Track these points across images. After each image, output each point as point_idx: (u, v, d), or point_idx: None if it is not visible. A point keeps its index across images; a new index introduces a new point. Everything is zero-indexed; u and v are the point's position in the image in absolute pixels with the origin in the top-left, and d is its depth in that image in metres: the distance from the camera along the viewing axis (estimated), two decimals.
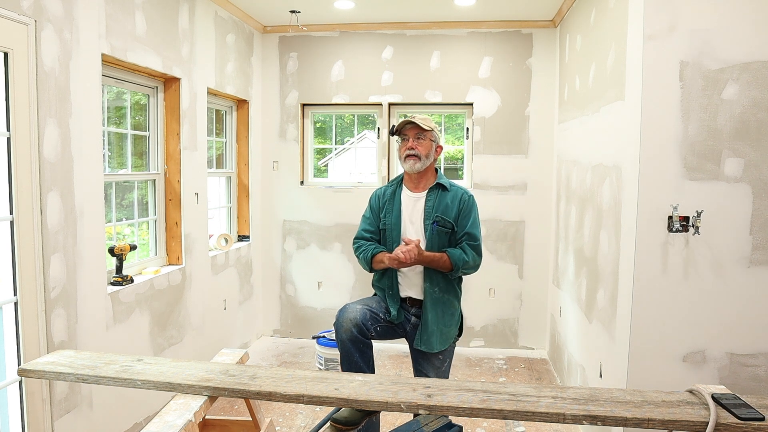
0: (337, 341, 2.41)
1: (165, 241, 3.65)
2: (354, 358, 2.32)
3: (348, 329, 2.34)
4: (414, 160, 2.52)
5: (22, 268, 2.33)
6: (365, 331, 2.37)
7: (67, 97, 2.56)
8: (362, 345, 2.36)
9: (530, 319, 4.84)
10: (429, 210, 2.55)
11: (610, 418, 1.51)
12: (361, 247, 2.64)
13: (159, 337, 3.39)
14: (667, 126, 2.37)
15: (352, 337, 2.34)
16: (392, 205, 2.61)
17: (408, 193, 2.63)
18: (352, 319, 2.36)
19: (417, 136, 2.54)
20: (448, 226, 2.54)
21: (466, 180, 4.92)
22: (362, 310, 2.42)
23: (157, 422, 1.55)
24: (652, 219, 2.41)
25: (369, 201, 2.73)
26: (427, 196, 2.58)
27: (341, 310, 2.44)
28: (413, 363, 2.64)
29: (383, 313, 2.51)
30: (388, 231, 2.59)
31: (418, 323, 2.56)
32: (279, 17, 4.61)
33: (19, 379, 2.35)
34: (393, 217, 2.59)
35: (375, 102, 4.86)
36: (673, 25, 2.34)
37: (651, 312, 2.43)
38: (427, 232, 2.53)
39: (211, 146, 4.38)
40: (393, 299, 2.57)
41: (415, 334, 2.56)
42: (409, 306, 2.58)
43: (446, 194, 2.58)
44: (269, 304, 5.14)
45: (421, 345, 2.53)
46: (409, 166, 2.54)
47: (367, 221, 2.69)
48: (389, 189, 2.68)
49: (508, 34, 4.70)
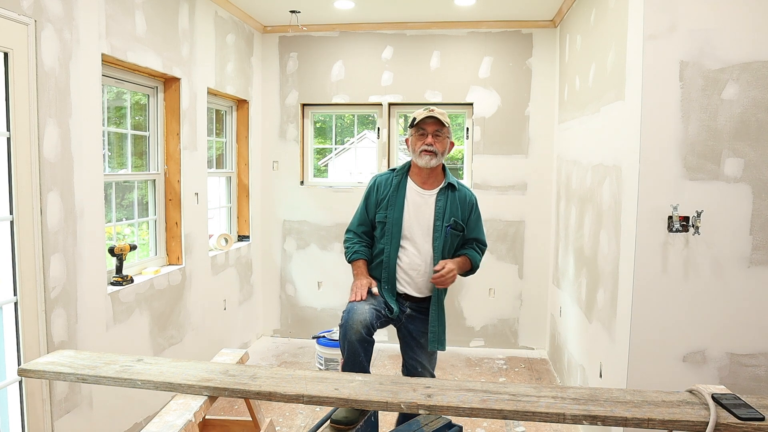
0: (343, 342, 2.33)
1: (165, 241, 3.65)
2: (360, 358, 2.30)
3: (357, 331, 2.27)
4: (430, 156, 2.48)
5: (22, 268, 2.33)
6: (372, 331, 2.35)
7: (67, 97, 2.56)
8: (367, 344, 2.33)
9: (530, 319, 4.84)
10: (440, 212, 2.52)
11: (610, 418, 1.51)
12: (348, 241, 2.67)
13: (159, 337, 3.39)
14: (667, 126, 2.37)
15: (361, 338, 2.28)
16: (396, 197, 2.54)
17: (416, 188, 2.56)
18: (362, 321, 2.29)
19: (436, 132, 2.49)
20: (459, 229, 2.56)
21: (466, 180, 4.92)
22: (370, 310, 2.36)
23: (157, 422, 1.55)
24: (652, 219, 2.41)
25: (367, 188, 2.63)
26: (438, 197, 2.54)
27: (348, 311, 2.34)
28: (405, 349, 2.64)
29: (384, 309, 2.50)
30: (388, 225, 2.53)
31: (413, 314, 2.59)
32: (279, 17, 4.61)
33: (19, 379, 2.35)
34: (396, 211, 2.53)
35: (375, 102, 4.86)
36: (673, 25, 2.34)
37: (651, 312, 2.43)
38: (439, 233, 2.52)
39: (211, 146, 4.38)
40: (388, 293, 2.55)
41: (409, 324, 2.59)
42: (403, 300, 2.58)
43: (455, 195, 2.56)
44: (269, 304, 5.14)
45: (438, 346, 2.57)
46: (425, 162, 2.49)
47: (359, 215, 2.65)
48: (395, 179, 2.58)
49: (508, 34, 4.70)
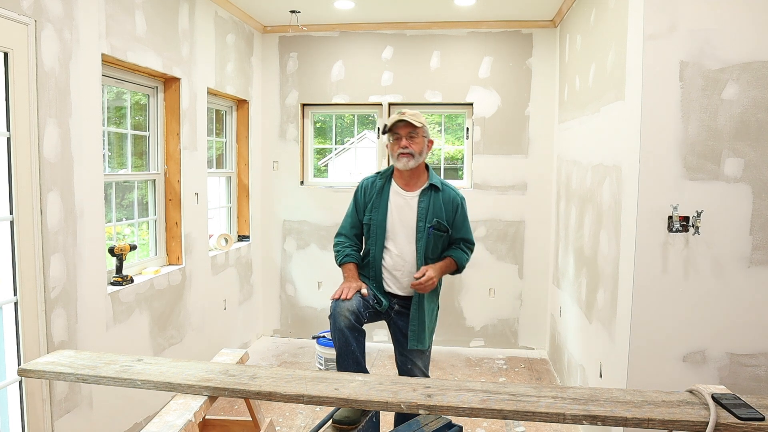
0: (333, 331, 2.37)
1: (165, 241, 3.65)
2: (351, 347, 2.31)
3: (346, 317, 2.31)
4: (408, 158, 2.53)
5: (22, 268, 2.33)
6: (360, 319, 2.37)
7: (67, 97, 2.56)
8: (358, 333, 2.35)
9: (530, 319, 4.84)
10: (423, 213, 2.55)
11: (610, 418, 1.51)
12: (338, 245, 2.68)
13: (159, 337, 3.39)
14: (667, 126, 2.37)
15: (349, 324, 2.31)
16: (380, 200, 2.60)
17: (398, 191, 2.61)
18: (349, 307, 2.34)
19: (410, 134, 2.54)
20: (443, 230, 2.56)
21: (466, 180, 4.92)
22: (357, 298, 2.41)
23: (157, 422, 1.55)
24: (652, 219, 2.41)
25: (354, 192, 2.71)
26: (420, 198, 2.57)
27: (336, 303, 2.40)
28: (396, 346, 2.66)
29: (372, 300, 2.52)
30: (372, 227, 2.59)
31: (401, 310, 2.60)
32: (279, 17, 4.61)
33: (19, 379, 2.35)
34: (380, 214, 2.58)
35: (375, 102, 4.86)
36: (673, 25, 2.34)
37: (651, 312, 2.43)
38: (422, 234, 2.54)
39: (211, 146, 4.38)
40: (377, 291, 2.59)
41: (398, 320, 2.60)
42: (391, 297, 2.61)
43: (439, 195, 2.58)
44: (269, 304, 5.14)
45: (417, 344, 2.56)
46: (403, 164, 2.54)
47: (350, 218, 2.70)
48: (378, 182, 2.65)
49: (508, 34, 4.70)
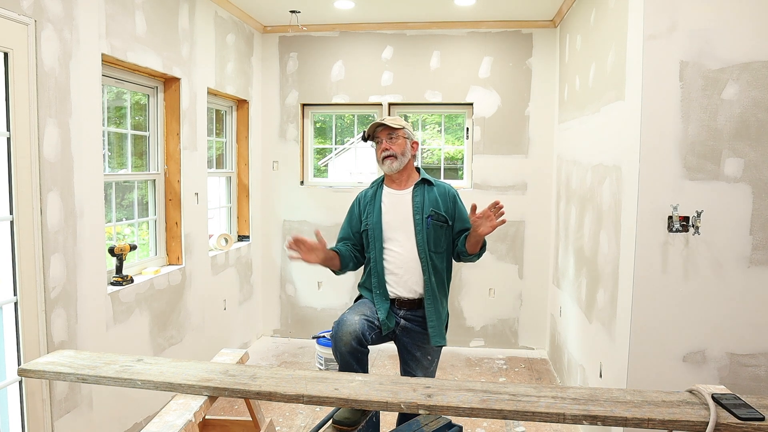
0: (335, 353, 2.35)
1: (165, 241, 3.65)
2: (353, 368, 2.31)
3: (347, 342, 2.28)
4: (391, 160, 2.53)
5: (22, 268, 2.33)
6: (363, 342, 2.33)
7: (67, 97, 2.56)
8: (360, 354, 2.33)
9: (530, 319, 4.84)
10: (418, 205, 2.55)
11: (610, 418, 1.51)
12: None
13: (159, 337, 3.39)
14: (667, 126, 2.37)
15: (351, 350, 2.29)
16: (373, 205, 2.63)
17: (390, 191, 2.62)
18: (352, 332, 2.29)
19: (389, 136, 2.55)
20: (441, 220, 2.55)
21: (466, 180, 4.92)
22: (360, 320, 2.36)
23: (157, 422, 1.55)
24: (652, 219, 2.41)
25: (351, 205, 2.75)
26: (414, 192, 2.58)
27: (338, 323, 2.36)
28: (401, 363, 2.63)
29: (377, 320, 2.49)
30: (370, 231, 2.61)
31: (407, 325, 2.54)
32: (279, 17, 4.61)
33: (19, 379, 2.35)
34: (374, 216, 2.60)
35: (375, 102, 4.86)
36: (673, 25, 2.34)
37: (651, 312, 2.43)
38: (420, 227, 2.53)
39: (211, 146, 4.38)
40: (381, 299, 2.54)
41: (404, 337, 2.55)
42: (397, 308, 2.55)
43: (433, 189, 2.59)
44: (269, 304, 5.14)
45: (440, 341, 2.54)
46: (388, 167, 2.55)
47: (342, 230, 2.74)
48: (370, 191, 2.69)
49: (508, 34, 4.70)
